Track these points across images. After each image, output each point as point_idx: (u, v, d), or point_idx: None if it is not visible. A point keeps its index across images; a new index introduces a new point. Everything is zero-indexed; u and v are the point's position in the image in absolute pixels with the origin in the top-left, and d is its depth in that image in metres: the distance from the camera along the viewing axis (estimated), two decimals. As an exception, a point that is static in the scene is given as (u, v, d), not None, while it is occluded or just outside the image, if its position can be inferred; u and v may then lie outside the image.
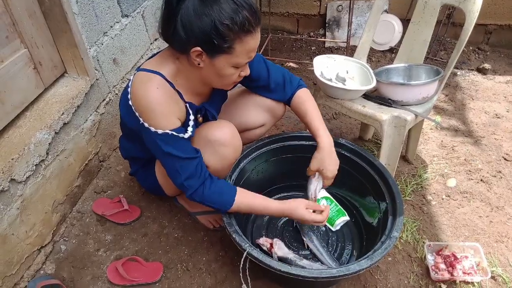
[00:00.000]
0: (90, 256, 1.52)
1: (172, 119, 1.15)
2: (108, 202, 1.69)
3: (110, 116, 1.88)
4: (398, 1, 2.85)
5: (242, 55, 1.08)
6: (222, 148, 1.28)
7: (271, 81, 1.39)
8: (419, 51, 1.73)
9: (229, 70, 1.12)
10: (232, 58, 1.08)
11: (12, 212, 1.32)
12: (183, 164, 1.18)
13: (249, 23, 1.03)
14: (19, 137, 1.39)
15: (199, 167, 1.21)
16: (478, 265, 1.44)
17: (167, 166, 1.22)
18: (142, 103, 1.13)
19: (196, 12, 1.01)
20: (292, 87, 1.42)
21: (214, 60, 1.08)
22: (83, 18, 1.58)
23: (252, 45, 1.08)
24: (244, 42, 1.05)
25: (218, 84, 1.20)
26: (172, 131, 1.14)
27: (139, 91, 1.13)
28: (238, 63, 1.10)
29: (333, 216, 1.54)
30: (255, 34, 1.07)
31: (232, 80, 1.18)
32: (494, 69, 2.67)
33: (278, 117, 1.55)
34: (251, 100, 1.49)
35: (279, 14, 3.10)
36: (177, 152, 1.16)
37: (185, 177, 1.19)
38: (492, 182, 1.83)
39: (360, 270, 1.11)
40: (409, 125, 1.58)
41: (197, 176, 1.20)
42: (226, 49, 1.05)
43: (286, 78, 1.41)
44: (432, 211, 1.70)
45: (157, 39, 2.25)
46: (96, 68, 1.71)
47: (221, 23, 1.00)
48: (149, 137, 1.17)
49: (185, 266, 1.48)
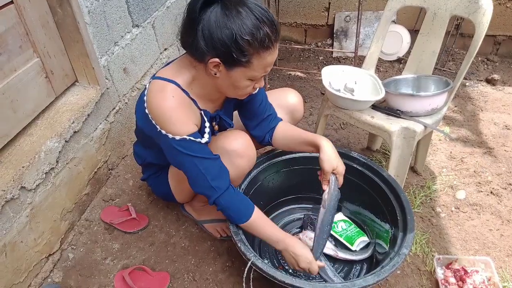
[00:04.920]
0: (97, 264, 1.52)
1: (189, 125, 1.16)
2: (116, 210, 1.70)
3: (119, 124, 1.89)
4: (406, 11, 2.86)
5: (259, 69, 1.09)
6: (239, 159, 1.29)
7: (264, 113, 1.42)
8: (428, 62, 1.73)
9: (244, 83, 1.13)
10: (249, 72, 1.09)
11: (21, 219, 1.33)
12: (207, 165, 1.18)
13: (269, 39, 1.04)
14: (30, 145, 1.40)
15: (224, 168, 1.22)
16: (489, 280, 1.41)
17: (190, 171, 1.20)
18: (158, 112, 1.14)
19: (218, 24, 1.01)
20: (277, 120, 1.45)
21: (231, 72, 1.09)
22: (95, 28, 1.61)
23: (269, 60, 1.09)
24: (262, 58, 1.06)
25: (232, 94, 1.21)
26: (189, 136, 1.15)
27: (155, 100, 1.14)
28: (254, 76, 1.11)
29: (353, 236, 1.53)
30: (273, 50, 1.08)
31: (246, 92, 1.19)
32: (504, 80, 2.65)
33: (297, 120, 1.59)
34: (273, 102, 1.51)
35: (287, 24, 3.12)
36: (198, 153, 1.17)
37: (212, 178, 1.18)
38: (503, 195, 1.80)
39: (366, 286, 1.10)
40: (418, 136, 1.57)
41: (224, 176, 1.21)
42: (244, 63, 1.06)
43: (273, 114, 1.45)
44: (441, 223, 1.68)
45: (167, 48, 2.27)
46: (107, 77, 1.73)
47: (242, 38, 1.01)
48: (168, 145, 1.17)
49: (192, 276, 1.47)
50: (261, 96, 1.40)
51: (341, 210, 1.65)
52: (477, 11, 1.51)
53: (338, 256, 1.46)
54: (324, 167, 1.29)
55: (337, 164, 1.30)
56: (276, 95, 1.58)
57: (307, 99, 2.53)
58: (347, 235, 1.55)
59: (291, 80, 2.76)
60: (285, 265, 1.47)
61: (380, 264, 1.24)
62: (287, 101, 1.56)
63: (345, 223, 1.59)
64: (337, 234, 1.57)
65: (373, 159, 2.00)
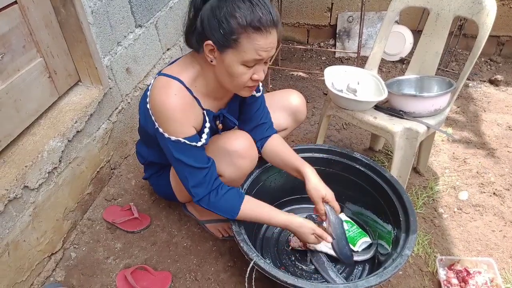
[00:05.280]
0: (99, 264, 1.52)
1: (186, 127, 1.17)
2: (118, 210, 1.70)
3: (122, 124, 1.90)
4: (408, 12, 2.85)
5: (250, 52, 1.06)
6: (240, 159, 1.29)
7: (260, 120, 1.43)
8: (431, 62, 1.72)
9: (238, 68, 1.10)
10: (239, 54, 1.07)
11: (24, 219, 1.33)
12: (191, 172, 1.21)
13: (259, 20, 1.03)
14: (33, 144, 1.41)
15: (209, 177, 1.22)
16: (492, 281, 1.40)
17: (178, 171, 1.25)
18: (158, 109, 1.15)
19: (212, 8, 1.05)
20: (271, 131, 1.46)
21: (224, 55, 1.09)
22: (98, 28, 1.61)
23: (262, 44, 1.06)
24: (251, 39, 1.04)
25: (230, 85, 1.17)
26: (185, 139, 1.16)
27: (157, 96, 1.15)
28: (247, 60, 1.08)
29: (355, 236, 1.53)
30: (265, 33, 1.05)
31: (243, 81, 1.13)
32: (507, 81, 2.64)
33: (299, 121, 1.60)
34: (276, 103, 1.51)
35: (290, 24, 3.12)
36: (187, 160, 1.19)
37: (193, 185, 1.22)
38: (505, 196, 1.80)
39: (369, 287, 1.09)
40: (421, 137, 1.56)
41: (205, 185, 1.22)
42: (232, 42, 1.05)
43: (269, 123, 1.46)
44: (444, 224, 1.68)
45: (170, 49, 2.27)
46: (110, 77, 1.74)
47: (231, 15, 1.03)
48: (163, 142, 1.20)
49: (193, 276, 1.48)
50: (260, 101, 1.40)
51: (343, 210, 1.65)
52: (481, 12, 1.51)
53: None
54: (313, 197, 1.32)
55: (325, 192, 1.32)
56: (279, 96, 1.58)
57: (310, 100, 2.53)
58: (349, 236, 1.55)
59: (294, 80, 2.76)
60: (287, 265, 1.47)
61: (382, 265, 1.24)
62: (289, 103, 1.55)
63: (347, 223, 1.58)
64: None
65: (376, 159, 2.00)
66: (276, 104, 1.53)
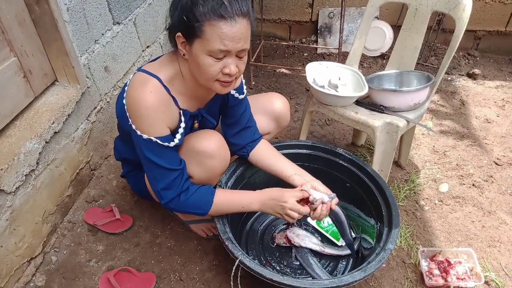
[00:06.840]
0: (81, 267, 1.49)
1: (158, 127, 1.15)
2: (99, 211, 1.67)
3: (101, 124, 1.86)
4: (388, 7, 2.88)
5: (214, 40, 1.03)
6: (209, 160, 1.26)
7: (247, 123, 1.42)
8: (410, 57, 1.74)
9: (205, 59, 1.07)
10: (203, 43, 1.04)
11: (1, 223, 1.29)
12: (162, 173, 1.19)
13: (222, 8, 1.01)
14: (8, 146, 1.36)
15: (179, 179, 1.21)
16: (471, 270, 1.44)
17: (147, 171, 1.23)
18: (133, 106, 1.13)
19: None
20: (259, 135, 1.45)
21: (192, 48, 1.07)
22: (74, 26, 1.57)
23: (226, 32, 1.02)
24: (215, 26, 1.02)
25: (201, 79, 1.14)
26: (157, 138, 1.15)
27: (133, 93, 1.14)
28: (212, 50, 1.04)
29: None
30: (230, 21, 1.02)
31: (211, 74, 1.09)
32: (484, 75, 2.70)
33: (283, 127, 1.59)
34: (259, 107, 1.50)
35: (271, 20, 3.11)
36: (158, 160, 1.17)
37: (162, 187, 1.20)
38: (484, 187, 1.84)
39: (353, 282, 1.11)
40: (401, 131, 1.58)
41: (174, 188, 1.21)
42: (197, 30, 1.03)
43: (254, 127, 1.45)
44: (425, 216, 1.71)
45: (149, 46, 2.24)
46: (87, 76, 1.70)
47: (195, 3, 1.02)
48: (136, 139, 1.19)
49: (178, 276, 1.46)
50: (245, 104, 1.39)
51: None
52: (457, 7, 1.53)
53: (324, 251, 1.47)
54: (297, 184, 1.33)
55: (314, 184, 1.30)
56: (263, 100, 1.55)
57: (292, 96, 2.54)
58: (333, 231, 1.56)
59: (276, 77, 2.76)
60: (272, 262, 1.47)
61: (366, 259, 1.25)
62: (273, 108, 1.52)
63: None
64: (323, 229, 1.58)
65: (358, 154, 2.02)
66: (260, 108, 1.50)
